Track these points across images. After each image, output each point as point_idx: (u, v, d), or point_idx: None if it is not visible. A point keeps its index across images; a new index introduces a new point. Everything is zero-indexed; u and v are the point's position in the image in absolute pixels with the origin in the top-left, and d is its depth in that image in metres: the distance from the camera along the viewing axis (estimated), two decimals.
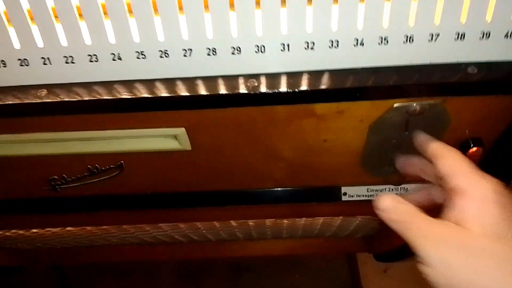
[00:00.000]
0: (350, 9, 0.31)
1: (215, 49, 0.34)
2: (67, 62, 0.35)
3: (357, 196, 0.48)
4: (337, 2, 0.31)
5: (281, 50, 0.34)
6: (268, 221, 0.75)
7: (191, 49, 0.34)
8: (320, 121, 0.37)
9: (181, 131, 0.38)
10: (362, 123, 0.38)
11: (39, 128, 0.39)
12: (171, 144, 0.40)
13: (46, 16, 0.32)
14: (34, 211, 0.49)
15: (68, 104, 0.35)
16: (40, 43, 0.33)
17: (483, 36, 0.33)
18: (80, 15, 0.32)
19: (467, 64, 0.34)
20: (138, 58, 0.34)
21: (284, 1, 0.31)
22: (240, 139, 0.39)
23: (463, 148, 0.40)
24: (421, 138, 0.36)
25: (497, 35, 0.33)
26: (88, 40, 0.33)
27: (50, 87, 0.36)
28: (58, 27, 0.33)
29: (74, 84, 0.36)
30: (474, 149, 0.39)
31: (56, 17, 0.32)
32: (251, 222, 0.77)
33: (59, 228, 0.73)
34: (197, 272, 1.21)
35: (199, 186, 0.47)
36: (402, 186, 0.47)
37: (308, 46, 0.34)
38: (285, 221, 0.75)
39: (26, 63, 0.35)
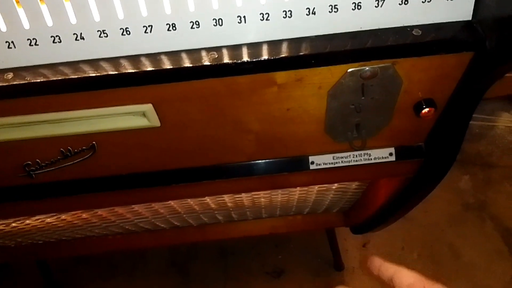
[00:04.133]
0: None
1: (174, 24, 0.35)
2: (31, 45, 0.36)
3: (324, 164, 0.50)
4: None
5: (238, 22, 0.35)
6: (246, 201, 0.78)
7: (151, 25, 0.35)
8: (281, 90, 0.39)
9: (148, 107, 0.39)
10: (321, 90, 0.40)
11: (8, 113, 0.40)
12: (140, 121, 0.41)
13: None
14: (10, 199, 0.50)
15: (35, 85, 0.36)
16: (3, 27, 0.34)
17: (425, 0, 0.35)
18: None
19: (412, 27, 0.36)
20: (100, 36, 0.35)
21: None
22: (207, 113, 0.41)
23: (416, 109, 0.42)
24: (376, 263, 0.36)
25: None
26: (49, 22, 0.34)
27: (16, 70, 0.36)
28: (20, 11, 0.34)
29: (39, 66, 0.37)
30: (427, 110, 0.42)
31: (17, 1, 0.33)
32: (229, 203, 0.79)
33: (38, 220, 0.73)
34: (184, 258, 1.23)
35: (171, 164, 0.48)
36: (365, 151, 0.49)
37: (263, 18, 0.35)
38: (263, 199, 0.77)
39: None
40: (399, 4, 0.35)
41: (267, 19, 0.35)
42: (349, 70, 0.38)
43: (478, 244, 1.23)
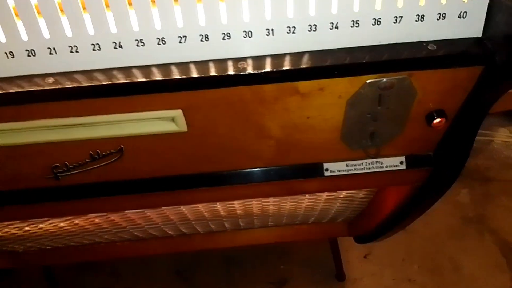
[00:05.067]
0: None
1: (207, 35, 0.38)
2: (71, 52, 0.38)
3: (337, 171, 0.52)
4: None
5: (266, 34, 0.38)
6: (256, 208, 0.79)
7: (185, 36, 0.38)
8: (304, 98, 0.42)
9: (178, 113, 0.42)
10: (340, 99, 0.42)
11: (43, 115, 0.42)
12: (168, 127, 0.43)
13: (53, 9, 0.35)
14: (35, 201, 0.52)
15: (73, 90, 0.39)
16: (46, 34, 0.37)
17: (439, 17, 0.38)
18: (84, 8, 0.36)
19: (428, 42, 0.39)
20: (138, 45, 0.38)
21: None
22: (232, 118, 0.43)
23: (428, 120, 0.45)
24: None
25: (451, 16, 0.38)
26: (91, 30, 0.37)
27: (55, 76, 0.39)
28: (64, 19, 0.36)
29: (76, 72, 0.39)
30: (438, 120, 0.44)
31: (61, 10, 0.36)
32: (238, 211, 0.81)
33: (51, 224, 0.75)
34: (188, 267, 1.23)
35: (193, 168, 0.50)
36: (378, 159, 0.51)
37: (290, 31, 0.38)
38: (271, 207, 0.79)
39: (33, 54, 0.38)
40: (416, 21, 0.38)
41: (293, 32, 0.38)
42: (368, 81, 0.40)
43: (478, 256, 1.25)
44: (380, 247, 1.27)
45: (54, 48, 0.38)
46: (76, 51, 0.38)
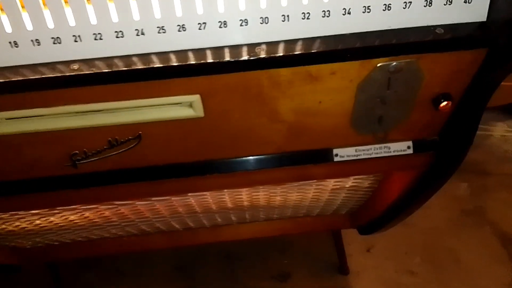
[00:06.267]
0: None
1: (225, 21, 0.39)
2: (96, 39, 0.40)
3: (347, 156, 0.54)
4: None
5: (282, 20, 0.40)
6: (262, 200, 0.81)
7: (205, 23, 0.39)
8: (316, 82, 0.43)
9: (196, 97, 0.43)
10: (351, 83, 0.44)
11: (64, 102, 0.43)
12: (186, 112, 0.45)
13: None
14: (52, 189, 0.53)
15: (95, 75, 0.40)
16: (72, 22, 0.38)
17: (446, 2, 0.40)
18: None
19: (435, 27, 0.41)
20: (159, 32, 0.40)
21: None
22: (247, 103, 0.45)
23: (435, 103, 0.47)
24: None
25: (458, 1, 0.40)
26: (115, 18, 0.38)
27: (80, 62, 0.40)
28: (89, 7, 0.38)
29: (97, 59, 0.41)
30: (444, 103, 0.46)
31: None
32: (246, 202, 0.82)
33: (62, 217, 0.76)
34: (190, 262, 1.25)
35: (208, 155, 0.52)
36: (385, 144, 0.53)
37: (305, 16, 0.40)
38: (278, 197, 0.81)
39: (59, 41, 0.39)
40: (424, 6, 0.40)
41: (307, 18, 0.40)
42: (379, 64, 0.42)
43: (477, 248, 1.27)
44: (382, 240, 1.28)
45: (79, 36, 0.39)
46: (100, 39, 0.40)
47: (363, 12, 0.40)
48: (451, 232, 1.32)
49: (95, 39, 0.40)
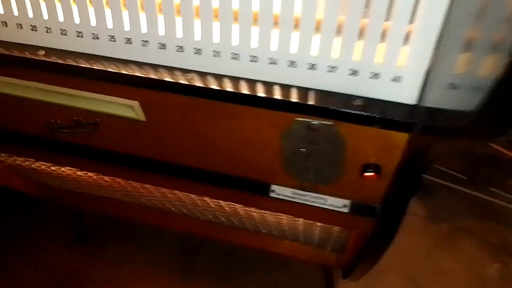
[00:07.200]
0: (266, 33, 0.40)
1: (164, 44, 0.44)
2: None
3: (284, 196, 0.55)
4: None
5: (213, 56, 0.43)
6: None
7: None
8: (242, 120, 0.45)
9: (135, 103, 0.48)
10: (276, 130, 0.45)
11: (40, 79, 0.51)
12: (129, 113, 0.50)
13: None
14: (36, 146, 0.62)
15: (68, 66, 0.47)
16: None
17: (372, 76, 0.39)
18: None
19: (357, 97, 0.40)
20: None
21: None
22: (181, 122, 0.49)
23: (362, 170, 0.46)
24: None
25: (385, 78, 0.39)
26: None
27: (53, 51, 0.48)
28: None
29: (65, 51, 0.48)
30: (370, 174, 0.45)
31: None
32: (241, 212, 0.85)
33: (71, 171, 0.87)
34: (194, 249, 1.32)
35: (156, 154, 0.56)
36: (321, 195, 0.53)
37: (234, 57, 0.42)
38: (254, 214, 0.83)
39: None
40: (349, 74, 0.40)
41: (236, 59, 0.42)
42: (297, 118, 0.43)
43: None
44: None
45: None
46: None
47: (288, 66, 0.41)
48: None
49: (62, 34, 0.46)
